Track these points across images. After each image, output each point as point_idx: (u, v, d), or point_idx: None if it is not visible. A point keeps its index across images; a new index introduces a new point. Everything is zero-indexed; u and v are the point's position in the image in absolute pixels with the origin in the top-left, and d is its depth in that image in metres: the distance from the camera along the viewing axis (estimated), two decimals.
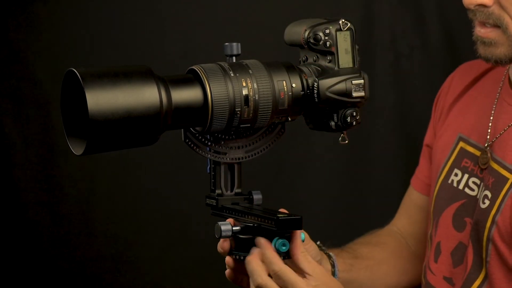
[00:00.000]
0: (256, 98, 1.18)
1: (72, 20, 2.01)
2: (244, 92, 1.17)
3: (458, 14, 2.00)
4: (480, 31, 1.30)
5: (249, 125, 1.19)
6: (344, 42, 1.24)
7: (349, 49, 1.25)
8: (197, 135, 1.21)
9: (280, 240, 1.17)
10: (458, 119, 1.43)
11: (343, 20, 1.25)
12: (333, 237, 2.05)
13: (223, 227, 1.19)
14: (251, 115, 1.18)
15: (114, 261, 2.06)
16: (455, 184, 1.39)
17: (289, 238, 1.19)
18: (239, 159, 1.24)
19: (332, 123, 1.24)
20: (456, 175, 1.39)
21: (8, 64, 2.00)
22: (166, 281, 2.07)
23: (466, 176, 1.37)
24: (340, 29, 1.24)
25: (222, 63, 1.19)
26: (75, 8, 2.00)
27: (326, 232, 2.01)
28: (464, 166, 1.38)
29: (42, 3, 2.01)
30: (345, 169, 2.05)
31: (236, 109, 1.16)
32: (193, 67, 1.18)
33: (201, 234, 1.98)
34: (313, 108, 1.23)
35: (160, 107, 1.11)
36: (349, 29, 1.25)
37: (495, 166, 1.32)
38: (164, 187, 2.05)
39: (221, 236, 1.19)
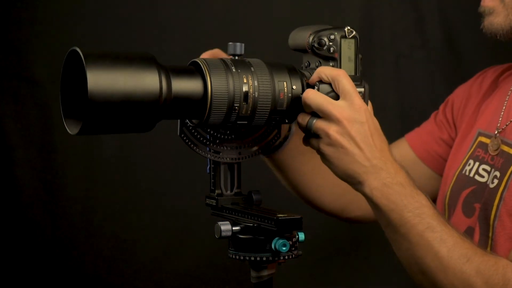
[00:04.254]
0: (256, 96, 1.18)
1: (73, 20, 2.01)
2: (244, 88, 1.17)
3: (458, 14, 2.00)
4: (483, 1, 1.34)
5: (246, 122, 1.19)
6: (348, 50, 1.25)
7: (352, 57, 1.25)
8: (193, 131, 1.21)
9: (280, 240, 1.17)
10: (480, 118, 1.46)
11: (349, 28, 1.25)
12: (333, 237, 2.05)
13: (223, 227, 1.19)
14: (249, 112, 1.18)
15: (114, 261, 2.06)
16: (467, 173, 1.40)
17: (289, 238, 1.19)
18: (232, 159, 1.24)
19: None
20: (469, 164, 1.41)
21: (8, 64, 2.00)
22: (166, 280, 2.07)
23: (477, 164, 1.39)
24: (345, 36, 1.24)
25: (225, 59, 1.19)
26: (76, 7, 2.00)
27: (326, 232, 2.02)
28: (476, 156, 1.41)
29: (42, 2, 2.01)
30: None
31: (235, 105, 1.17)
32: (196, 59, 1.18)
33: (201, 234, 1.98)
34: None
35: (159, 94, 1.10)
36: (354, 37, 1.25)
37: (506, 148, 1.34)
38: (164, 187, 2.05)
39: (221, 237, 1.19)
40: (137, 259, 2.07)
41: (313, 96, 1.20)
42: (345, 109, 1.18)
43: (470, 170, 1.41)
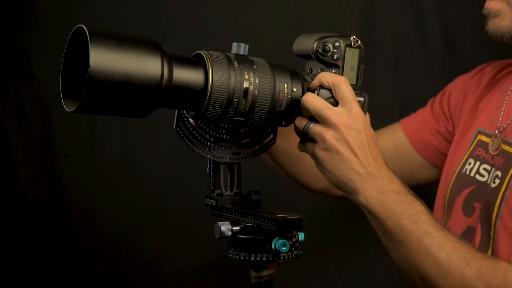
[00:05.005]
0: (256, 93, 1.18)
1: (73, 20, 2.01)
2: (245, 84, 1.17)
3: (458, 14, 2.00)
4: (488, 3, 1.34)
5: (243, 119, 1.19)
6: (351, 59, 1.25)
7: (355, 66, 1.25)
8: (189, 126, 1.21)
9: (280, 240, 1.17)
10: (480, 116, 1.46)
11: (355, 37, 1.25)
12: (333, 237, 2.05)
13: (223, 227, 1.19)
14: (247, 109, 1.18)
15: (114, 260, 2.06)
16: (467, 172, 1.41)
17: (289, 238, 1.19)
18: (225, 159, 1.24)
19: None
20: (469, 164, 1.41)
21: (8, 64, 2.00)
22: (166, 280, 2.07)
23: (478, 163, 1.39)
24: (350, 45, 1.25)
25: (229, 54, 1.20)
26: (76, 7, 2.00)
27: (326, 232, 2.02)
28: (477, 155, 1.41)
29: (43, 2, 2.01)
30: None
31: (234, 99, 1.17)
32: (200, 51, 1.18)
33: (201, 234, 1.98)
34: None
35: (160, 80, 1.10)
36: (358, 47, 1.25)
37: (507, 148, 1.35)
38: (165, 187, 2.05)
39: (221, 237, 1.19)
40: (137, 259, 2.07)
41: (312, 100, 1.20)
42: (343, 116, 1.19)
43: (471, 170, 1.41)
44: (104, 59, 1.06)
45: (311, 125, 1.20)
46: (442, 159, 1.55)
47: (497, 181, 1.33)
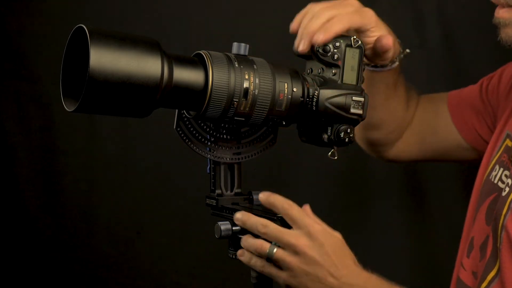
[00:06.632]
0: (256, 93, 1.18)
1: (73, 20, 2.01)
2: (245, 84, 1.17)
3: (458, 14, 2.00)
4: (498, 13, 1.32)
5: (243, 119, 1.19)
6: (351, 59, 1.25)
7: (356, 67, 1.25)
8: (189, 126, 1.22)
9: None
10: (510, 118, 1.44)
11: (355, 37, 1.25)
12: None
13: (223, 227, 1.19)
14: (247, 109, 1.18)
15: (114, 260, 2.06)
16: (493, 179, 1.39)
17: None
18: (225, 159, 1.24)
19: (325, 136, 1.24)
20: (495, 170, 1.40)
21: (9, 64, 2.00)
22: (166, 280, 2.07)
23: (501, 170, 1.38)
24: (350, 45, 1.25)
25: (229, 54, 1.20)
26: (76, 7, 2.00)
27: None
28: (502, 161, 1.39)
29: (43, 2, 2.01)
30: (345, 169, 2.05)
31: (234, 99, 1.17)
32: (200, 51, 1.19)
33: (201, 234, 1.98)
34: (309, 116, 1.23)
35: (160, 80, 1.10)
36: (359, 47, 1.25)
37: None
38: (165, 187, 2.05)
39: (221, 237, 1.19)
40: (137, 259, 2.07)
41: (270, 229, 1.20)
42: (301, 236, 1.19)
43: (495, 176, 1.39)
44: (104, 59, 1.06)
45: (275, 250, 1.20)
46: (482, 144, 1.54)
47: (507, 189, 1.31)
